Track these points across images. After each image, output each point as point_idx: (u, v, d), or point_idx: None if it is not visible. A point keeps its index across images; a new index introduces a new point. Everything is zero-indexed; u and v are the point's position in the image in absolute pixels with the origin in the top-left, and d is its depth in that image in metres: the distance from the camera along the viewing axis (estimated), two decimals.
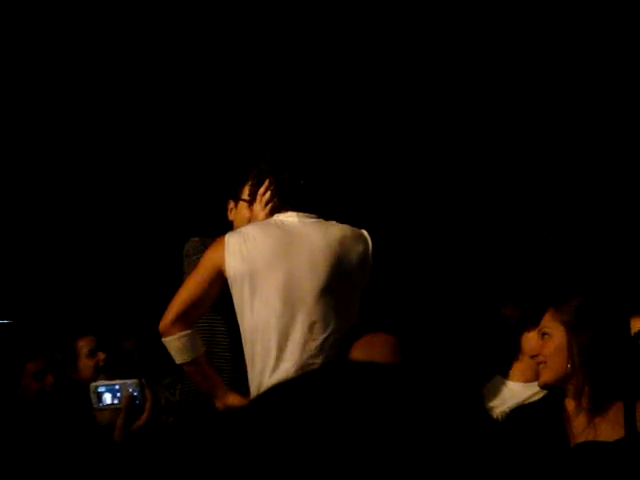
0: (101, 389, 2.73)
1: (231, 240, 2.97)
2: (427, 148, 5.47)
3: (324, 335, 2.89)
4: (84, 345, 3.72)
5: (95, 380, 2.95)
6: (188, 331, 2.95)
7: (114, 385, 2.73)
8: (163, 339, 2.98)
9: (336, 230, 3.01)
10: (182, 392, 3.45)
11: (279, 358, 2.88)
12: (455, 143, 5.46)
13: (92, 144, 5.52)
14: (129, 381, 2.70)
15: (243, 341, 2.97)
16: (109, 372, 3.63)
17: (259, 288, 2.91)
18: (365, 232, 3.07)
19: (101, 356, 3.68)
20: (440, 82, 5.26)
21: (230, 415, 0.87)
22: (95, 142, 5.52)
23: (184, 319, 2.95)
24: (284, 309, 2.89)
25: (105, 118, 5.44)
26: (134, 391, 2.69)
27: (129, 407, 2.67)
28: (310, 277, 2.91)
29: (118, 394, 2.70)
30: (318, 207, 3.07)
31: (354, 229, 3.06)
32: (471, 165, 5.49)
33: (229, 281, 2.96)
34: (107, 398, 2.72)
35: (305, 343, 2.88)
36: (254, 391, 2.91)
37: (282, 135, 4.85)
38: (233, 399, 2.95)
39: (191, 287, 2.98)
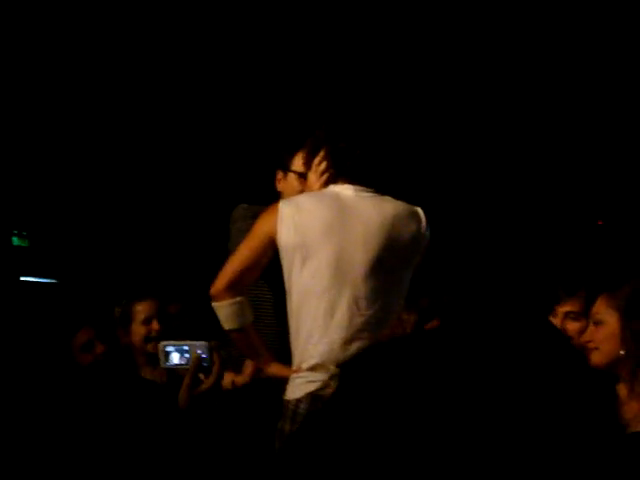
0: (169, 348, 2.73)
1: (285, 209, 2.93)
2: (482, 131, 5.42)
3: (370, 311, 2.86)
4: (142, 310, 3.66)
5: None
6: (239, 298, 2.94)
7: (182, 345, 2.72)
8: (214, 304, 2.96)
9: (391, 206, 2.97)
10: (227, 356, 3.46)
11: (325, 330, 2.86)
12: (508, 130, 5.41)
13: (140, 120, 5.57)
14: (198, 342, 2.69)
15: (289, 311, 2.95)
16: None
17: (309, 260, 2.88)
18: (420, 210, 3.01)
19: (155, 326, 3.61)
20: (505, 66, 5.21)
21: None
22: (143, 118, 5.56)
23: (236, 286, 2.93)
24: (333, 282, 2.86)
25: (154, 94, 5.48)
26: (203, 353, 2.69)
27: (196, 369, 2.67)
28: (362, 252, 2.88)
29: (186, 355, 2.70)
30: (374, 180, 3.03)
31: (409, 206, 3.00)
32: (521, 149, 5.44)
33: (280, 250, 2.93)
34: (174, 358, 2.72)
35: (351, 317, 2.85)
36: (297, 361, 2.91)
37: (336, 104, 4.83)
38: (276, 368, 2.96)
39: (244, 254, 2.95)
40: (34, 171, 5.46)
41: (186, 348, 2.71)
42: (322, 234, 2.89)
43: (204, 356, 2.68)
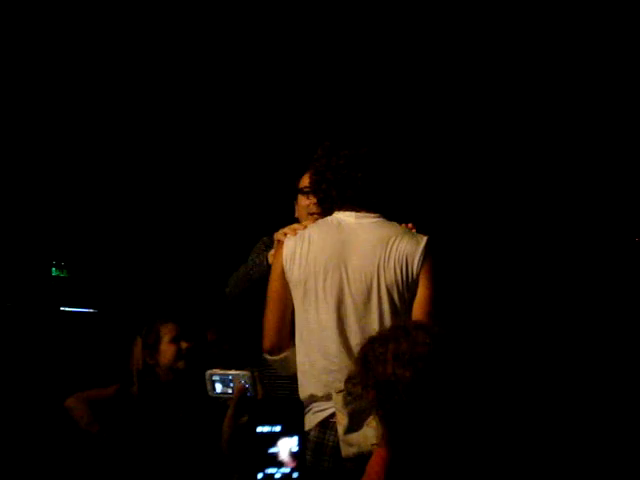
0: (215, 377, 2.80)
1: (288, 244, 3.01)
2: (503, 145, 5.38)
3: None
4: (167, 331, 3.77)
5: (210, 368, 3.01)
6: (288, 352, 3.02)
7: (228, 375, 2.79)
8: (268, 358, 3.05)
9: (387, 231, 2.97)
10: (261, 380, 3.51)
11: (326, 360, 2.92)
12: (533, 142, 5.37)
13: (168, 148, 5.64)
14: (242, 372, 2.76)
15: (296, 343, 3.01)
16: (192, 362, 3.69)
17: (311, 292, 2.95)
18: (424, 239, 2.98)
19: (184, 344, 3.72)
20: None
21: None
22: (172, 145, 5.63)
23: (281, 336, 3.02)
24: (334, 314, 2.92)
25: (184, 119, 5.55)
26: (246, 383, 2.75)
27: (239, 399, 2.72)
28: (359, 281, 2.91)
29: (231, 384, 2.76)
30: (379, 204, 3.02)
31: (412, 234, 2.99)
32: (549, 165, 5.39)
33: (289, 285, 3.00)
34: (218, 387, 2.79)
35: (354, 346, 2.87)
36: (306, 393, 2.95)
37: (340, 128, 4.87)
38: None
39: (271, 303, 3.03)
40: (72, 202, 5.54)
41: (230, 378, 2.77)
42: (322, 267, 2.94)
43: (247, 386, 2.73)
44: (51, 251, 5.51)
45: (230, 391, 2.77)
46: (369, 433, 2.71)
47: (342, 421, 2.78)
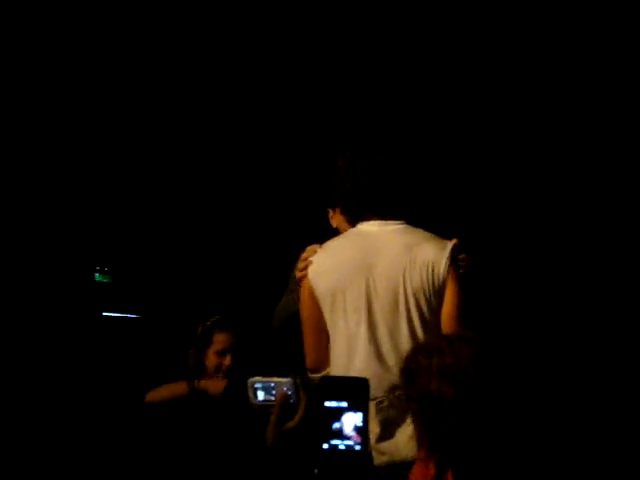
0: (257, 385, 2.83)
1: (314, 259, 3.06)
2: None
3: (400, 343, 2.92)
4: (220, 341, 3.85)
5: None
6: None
7: (269, 383, 2.81)
8: (311, 375, 3.13)
9: (411, 236, 2.99)
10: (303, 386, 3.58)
11: (356, 369, 2.95)
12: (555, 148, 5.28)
13: (222, 162, 5.67)
14: (284, 379, 2.79)
15: (330, 352, 3.08)
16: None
17: (337, 304, 2.99)
18: (450, 244, 2.97)
19: (227, 362, 3.79)
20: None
21: None
22: (226, 160, 5.67)
23: (319, 357, 3.09)
24: (361, 323, 2.95)
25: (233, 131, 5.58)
26: (289, 390, 2.76)
27: (282, 406, 2.74)
28: (385, 287, 2.94)
29: (273, 392, 2.79)
30: (401, 211, 3.03)
31: (437, 240, 3.00)
32: (576, 171, 5.28)
33: (317, 299, 3.06)
34: (260, 395, 2.81)
35: (382, 355, 2.95)
36: None
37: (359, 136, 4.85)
38: None
39: (305, 325, 3.10)
40: (116, 207, 5.58)
41: (273, 385, 2.78)
42: (348, 276, 2.97)
43: (290, 393, 2.73)
44: (94, 257, 5.55)
45: (272, 398, 2.78)
46: (401, 442, 2.72)
47: (374, 429, 2.79)
